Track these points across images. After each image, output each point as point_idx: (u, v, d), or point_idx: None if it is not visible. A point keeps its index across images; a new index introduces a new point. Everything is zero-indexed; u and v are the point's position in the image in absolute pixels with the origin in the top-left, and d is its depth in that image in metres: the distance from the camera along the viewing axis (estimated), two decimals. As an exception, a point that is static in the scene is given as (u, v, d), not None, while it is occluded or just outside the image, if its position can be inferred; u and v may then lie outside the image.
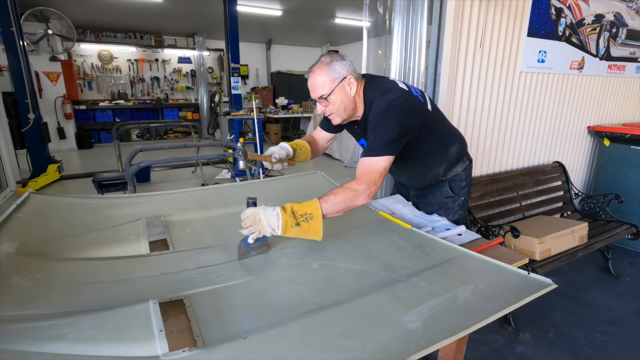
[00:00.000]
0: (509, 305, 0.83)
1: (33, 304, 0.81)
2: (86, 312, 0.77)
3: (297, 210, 1.05)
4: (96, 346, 0.67)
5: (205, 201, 1.51)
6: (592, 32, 2.93)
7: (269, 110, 8.40)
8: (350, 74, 1.29)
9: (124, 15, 7.19)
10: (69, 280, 0.91)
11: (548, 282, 0.91)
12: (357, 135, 1.52)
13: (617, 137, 3.02)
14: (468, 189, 1.63)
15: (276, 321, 0.77)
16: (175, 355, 0.66)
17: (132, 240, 1.13)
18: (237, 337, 0.72)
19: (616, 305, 2.27)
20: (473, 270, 1.03)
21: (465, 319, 0.78)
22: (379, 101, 1.28)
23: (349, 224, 1.34)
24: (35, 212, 1.24)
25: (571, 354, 1.84)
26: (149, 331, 0.71)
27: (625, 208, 2.87)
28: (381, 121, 1.26)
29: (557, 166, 2.99)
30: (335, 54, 1.31)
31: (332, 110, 1.33)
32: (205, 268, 1.00)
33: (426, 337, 0.72)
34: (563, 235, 2.25)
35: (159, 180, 5.20)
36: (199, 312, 0.79)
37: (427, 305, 0.83)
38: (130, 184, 2.45)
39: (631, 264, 2.79)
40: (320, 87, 1.29)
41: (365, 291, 0.90)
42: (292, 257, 1.09)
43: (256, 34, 9.11)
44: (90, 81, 8.41)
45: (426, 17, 2.30)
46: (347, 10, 7.22)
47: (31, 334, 0.69)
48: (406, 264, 1.05)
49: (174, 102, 9.38)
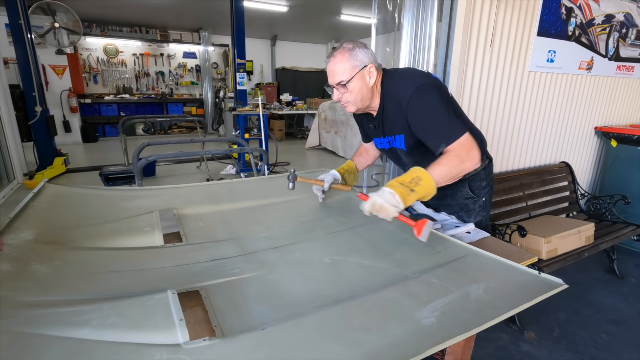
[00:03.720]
0: (520, 304, 0.83)
1: (54, 290, 0.82)
2: (106, 299, 0.78)
3: (403, 181, 1.08)
4: (119, 333, 0.68)
5: (216, 195, 1.52)
6: (601, 32, 2.91)
7: (274, 106, 8.41)
8: (372, 63, 1.26)
9: (130, 10, 7.20)
10: (87, 268, 0.93)
11: (559, 282, 0.92)
12: (374, 132, 1.49)
13: (624, 138, 3.01)
14: (489, 190, 1.55)
15: (292, 314, 0.78)
16: (196, 344, 0.67)
17: (147, 231, 1.14)
18: (254, 328, 0.73)
19: (621, 305, 2.27)
20: (484, 268, 1.03)
21: (478, 316, 0.79)
22: (403, 86, 1.24)
23: (359, 220, 1.34)
24: (50, 201, 1.25)
25: (576, 353, 1.85)
26: (170, 320, 0.72)
27: (632, 209, 2.86)
28: (420, 103, 1.20)
29: (563, 166, 2.99)
30: (359, 44, 1.27)
31: (349, 98, 1.31)
32: (219, 261, 1.01)
33: (441, 333, 0.73)
34: (570, 235, 2.26)
35: (164, 174, 5.22)
36: (216, 303, 0.81)
37: (440, 302, 0.84)
38: (138, 177, 2.46)
39: (636, 265, 2.79)
40: (339, 73, 1.26)
41: (377, 286, 0.91)
42: (304, 251, 1.10)
43: (261, 29, 9.09)
44: (96, 75, 8.44)
45: (436, 15, 2.30)
46: (353, 6, 7.20)
47: (55, 319, 0.71)
48: (417, 261, 1.06)
49: (179, 97, 9.39)
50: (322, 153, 7.06)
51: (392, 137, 1.41)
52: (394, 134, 1.39)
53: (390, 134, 1.41)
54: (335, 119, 6.67)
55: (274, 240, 1.15)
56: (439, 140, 1.19)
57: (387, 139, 1.44)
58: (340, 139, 6.55)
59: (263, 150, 2.89)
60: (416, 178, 1.10)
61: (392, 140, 1.42)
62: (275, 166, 5.52)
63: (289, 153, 6.94)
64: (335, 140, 6.73)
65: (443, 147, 1.18)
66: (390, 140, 1.43)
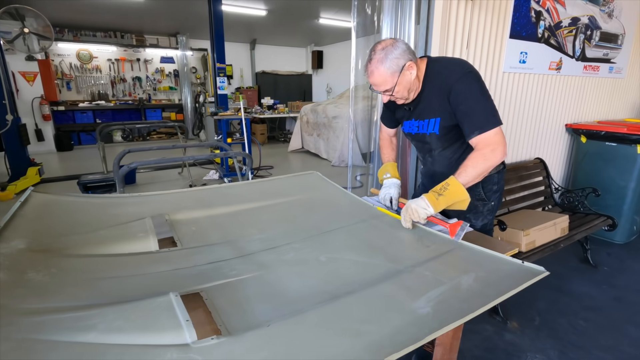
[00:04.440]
0: (508, 291, 0.88)
1: (54, 297, 0.81)
2: (109, 304, 0.78)
3: (435, 188, 1.26)
4: (126, 335, 0.69)
5: (206, 200, 1.52)
6: (568, 34, 3.07)
7: (255, 110, 8.37)
8: (408, 60, 1.28)
9: (104, 14, 7.02)
10: (84, 275, 0.92)
11: (541, 269, 0.97)
12: (406, 114, 1.53)
13: (593, 134, 3.18)
14: (499, 195, 1.60)
15: (294, 310, 0.80)
16: (204, 342, 0.68)
17: (141, 237, 1.14)
18: (259, 326, 0.74)
19: (595, 293, 2.39)
20: (472, 260, 1.09)
21: (470, 304, 0.84)
22: (450, 71, 1.32)
23: (351, 219, 1.38)
24: (39, 210, 1.23)
25: (556, 339, 1.94)
26: (176, 321, 0.73)
27: (602, 201, 3.02)
28: (464, 89, 1.28)
29: (538, 162, 3.13)
30: (387, 43, 1.28)
31: (398, 96, 1.37)
32: (216, 263, 1.02)
33: (437, 321, 0.77)
34: (546, 227, 2.36)
35: (145, 182, 5.11)
36: (218, 304, 0.81)
37: (434, 293, 0.88)
38: (119, 185, 2.41)
39: (608, 254, 2.94)
40: (382, 84, 1.31)
41: (373, 281, 0.95)
42: (299, 251, 1.12)
43: (240, 33, 9.05)
44: (69, 81, 8.17)
45: (414, 18, 2.37)
46: (332, 10, 7.27)
47: (59, 325, 0.70)
48: (409, 256, 1.11)
49: (157, 102, 9.21)
50: (305, 156, 7.09)
51: (423, 121, 1.45)
52: (428, 117, 1.43)
53: (421, 117, 1.45)
54: (317, 121, 6.72)
55: (268, 242, 1.17)
56: (474, 127, 1.28)
57: (417, 122, 1.48)
58: (323, 141, 6.59)
59: (247, 154, 2.88)
60: (445, 184, 1.25)
61: (422, 125, 1.46)
62: (258, 170, 5.50)
63: (272, 157, 6.93)
64: (318, 143, 6.77)
65: (476, 135, 1.28)
66: (420, 124, 1.47)
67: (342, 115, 6.02)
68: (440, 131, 1.42)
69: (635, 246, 3.09)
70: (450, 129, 1.40)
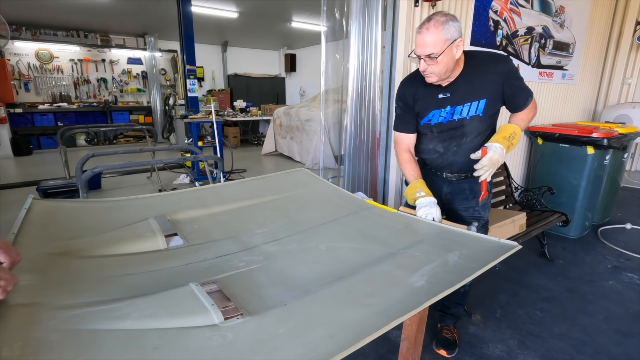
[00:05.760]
0: (489, 262, 0.99)
1: (83, 294, 0.85)
2: (137, 296, 0.83)
3: (505, 136, 1.38)
4: (160, 321, 0.74)
5: (204, 200, 1.57)
6: (524, 43, 3.27)
7: (227, 113, 8.27)
8: (460, 37, 1.32)
9: (66, 13, 6.72)
10: (103, 273, 0.96)
11: (514, 244, 1.09)
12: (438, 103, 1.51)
13: (548, 136, 3.38)
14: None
15: (305, 292, 0.89)
16: (231, 322, 0.76)
17: (149, 236, 1.17)
18: (276, 306, 0.83)
19: (551, 285, 2.55)
20: (456, 240, 1.20)
21: (458, 276, 0.94)
22: (495, 57, 1.47)
23: (343, 211, 1.48)
24: (43, 216, 1.23)
25: (515, 330, 2.06)
26: (202, 306, 0.79)
27: (557, 199, 3.23)
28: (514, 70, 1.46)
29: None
30: (450, 15, 1.31)
31: (434, 70, 1.36)
32: (224, 257, 1.08)
33: (432, 291, 0.87)
34: (506, 224, 2.49)
35: (111, 187, 4.93)
36: (234, 291, 0.88)
37: (426, 269, 0.99)
38: (83, 191, 2.32)
39: (563, 249, 3.14)
40: (431, 45, 1.30)
41: (371, 263, 1.05)
42: (300, 242, 1.20)
43: (211, 35, 8.93)
44: (27, 82, 7.74)
45: (380, 23, 2.45)
46: (304, 14, 7.33)
47: (97, 316, 0.75)
48: (399, 241, 1.21)
49: (124, 104, 8.90)
50: (278, 159, 7.07)
51: (463, 106, 1.48)
52: (471, 100, 1.47)
53: (462, 102, 1.48)
54: (290, 124, 6.73)
55: (269, 235, 1.24)
56: (527, 96, 1.49)
57: (452, 109, 1.50)
58: (297, 144, 6.61)
59: (218, 158, 2.86)
60: (513, 133, 1.39)
61: (460, 110, 1.49)
62: (231, 173, 5.44)
63: (245, 160, 6.87)
64: (292, 145, 6.77)
65: (530, 101, 1.49)
66: (457, 110, 1.50)
67: (315, 118, 6.07)
68: (484, 112, 1.48)
69: (587, 240, 3.31)
70: (492, 109, 1.50)
